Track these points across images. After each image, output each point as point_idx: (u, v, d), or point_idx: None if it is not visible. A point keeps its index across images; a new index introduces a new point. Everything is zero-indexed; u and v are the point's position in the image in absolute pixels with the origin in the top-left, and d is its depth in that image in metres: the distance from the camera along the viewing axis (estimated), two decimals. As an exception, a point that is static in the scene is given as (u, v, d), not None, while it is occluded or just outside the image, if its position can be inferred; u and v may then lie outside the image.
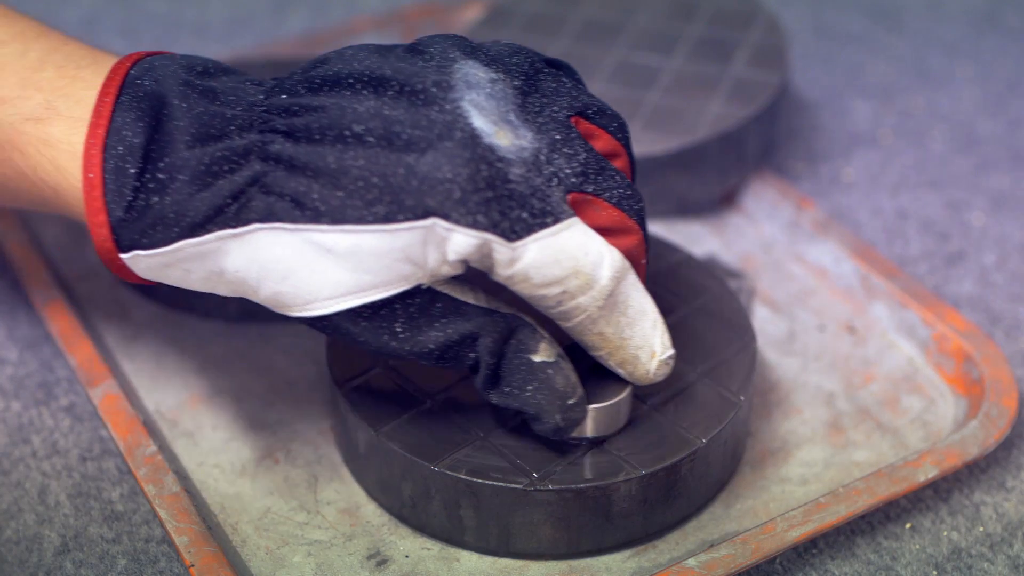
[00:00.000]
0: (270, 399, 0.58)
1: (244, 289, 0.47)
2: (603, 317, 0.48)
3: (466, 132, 0.45)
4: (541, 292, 0.47)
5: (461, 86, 0.46)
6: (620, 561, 0.51)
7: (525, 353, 0.48)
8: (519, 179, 0.45)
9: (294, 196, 0.45)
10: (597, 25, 0.75)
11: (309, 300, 0.46)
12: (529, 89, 0.48)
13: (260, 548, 0.52)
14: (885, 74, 0.82)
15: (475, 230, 0.45)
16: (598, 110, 0.49)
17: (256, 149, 0.46)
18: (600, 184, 0.47)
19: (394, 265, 0.45)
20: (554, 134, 0.47)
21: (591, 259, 0.46)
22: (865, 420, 0.58)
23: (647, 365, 0.49)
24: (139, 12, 0.89)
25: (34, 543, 0.52)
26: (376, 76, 0.46)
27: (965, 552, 0.53)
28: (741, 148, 0.68)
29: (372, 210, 0.45)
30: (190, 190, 0.45)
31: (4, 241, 0.64)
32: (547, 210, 0.46)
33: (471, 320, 0.47)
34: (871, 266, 0.63)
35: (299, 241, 0.45)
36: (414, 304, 0.46)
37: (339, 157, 0.45)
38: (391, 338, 0.47)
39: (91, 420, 0.58)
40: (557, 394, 0.48)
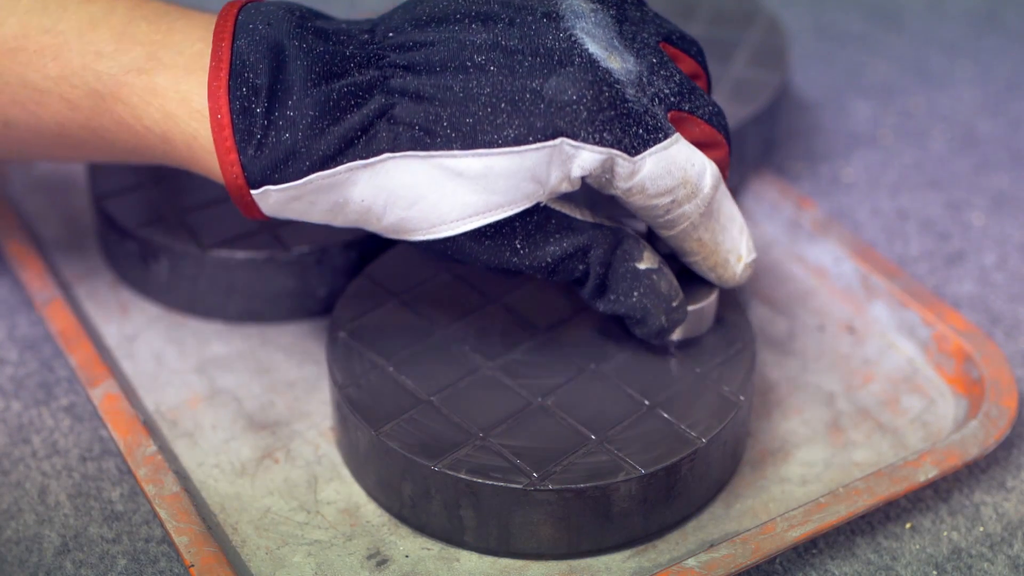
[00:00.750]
0: (270, 399, 0.58)
1: (368, 218, 0.50)
2: (703, 224, 0.52)
3: (584, 57, 0.48)
4: (654, 202, 0.50)
5: (569, 15, 0.50)
6: (620, 561, 0.51)
7: (631, 261, 0.51)
8: (633, 99, 0.49)
9: (423, 125, 0.48)
10: (597, 25, 0.74)
11: (436, 223, 0.49)
12: (622, 17, 0.51)
13: (260, 548, 0.52)
14: (885, 74, 0.82)
15: (601, 147, 0.48)
16: (680, 36, 0.53)
17: (378, 84, 0.48)
18: (693, 102, 0.51)
19: (521, 185, 0.48)
20: (651, 58, 0.50)
21: (696, 169, 0.50)
22: (865, 420, 0.58)
23: (735, 268, 0.54)
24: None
25: (34, 543, 0.52)
26: (483, 12, 0.49)
27: (965, 552, 0.53)
28: (741, 148, 0.68)
29: (503, 133, 0.47)
30: (320, 125, 0.47)
31: (4, 241, 0.64)
32: (658, 126, 0.49)
33: (583, 234, 0.51)
34: (871, 266, 0.63)
35: (430, 167, 0.48)
36: (532, 222, 0.50)
37: (465, 86, 0.48)
38: (512, 254, 0.50)
39: (91, 420, 0.58)
40: (662, 297, 0.52)
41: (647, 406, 0.52)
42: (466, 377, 0.54)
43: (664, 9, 0.75)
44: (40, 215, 0.68)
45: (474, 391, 0.53)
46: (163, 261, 0.61)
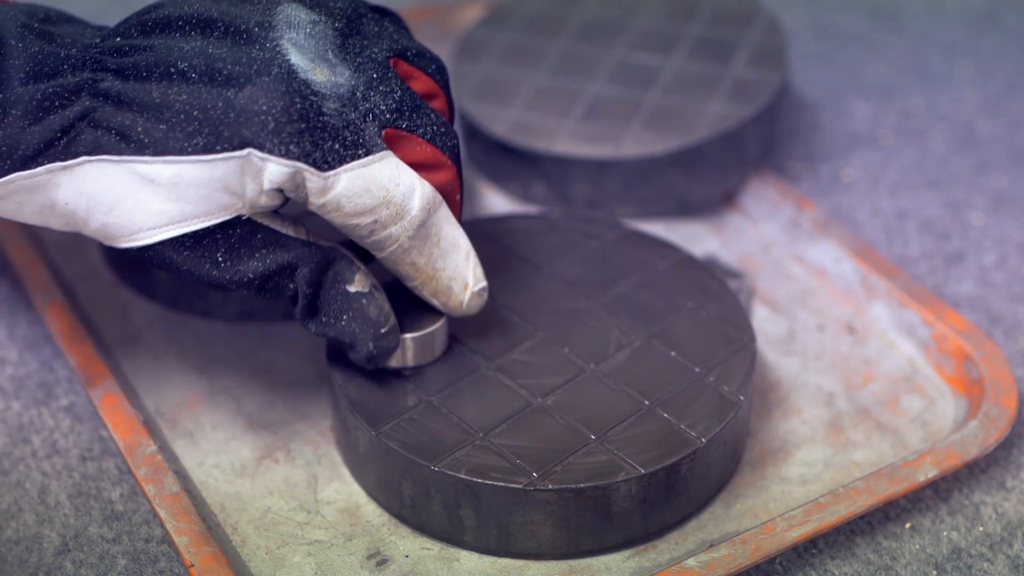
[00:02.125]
0: (270, 399, 0.58)
1: (75, 221, 0.49)
2: (415, 247, 0.51)
3: (283, 68, 0.48)
4: (354, 221, 0.49)
5: (282, 26, 0.49)
6: (620, 561, 0.51)
7: (341, 283, 0.51)
8: (333, 112, 0.48)
9: (120, 129, 0.47)
10: (597, 25, 0.75)
11: (134, 231, 0.48)
12: (350, 31, 0.51)
13: (260, 548, 0.52)
14: (885, 74, 0.82)
15: (288, 159, 0.47)
16: (417, 52, 0.52)
17: (87, 86, 0.48)
18: (414, 121, 0.50)
19: (213, 195, 0.48)
20: (372, 73, 0.50)
21: (402, 190, 0.49)
22: (865, 420, 0.58)
23: (460, 296, 0.53)
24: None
25: (34, 543, 0.52)
26: (204, 18, 0.49)
27: (965, 552, 0.53)
28: (741, 148, 0.68)
29: (192, 142, 0.47)
30: (22, 124, 0.47)
31: (4, 241, 0.64)
32: (359, 142, 0.48)
33: (290, 251, 0.50)
34: (871, 266, 0.63)
35: (124, 172, 0.48)
36: (235, 235, 0.49)
37: (163, 92, 0.47)
38: (213, 267, 0.49)
39: (91, 420, 0.58)
40: (370, 323, 0.51)
41: (647, 406, 0.52)
42: (466, 377, 0.54)
43: (664, 9, 0.75)
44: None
45: (474, 391, 0.53)
46: (163, 261, 0.61)
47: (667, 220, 0.69)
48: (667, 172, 0.67)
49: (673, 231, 0.68)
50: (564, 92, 0.70)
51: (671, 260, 0.59)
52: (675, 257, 0.60)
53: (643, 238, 0.61)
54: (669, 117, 0.67)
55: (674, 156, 0.66)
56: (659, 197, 0.68)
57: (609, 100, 0.69)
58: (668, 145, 0.66)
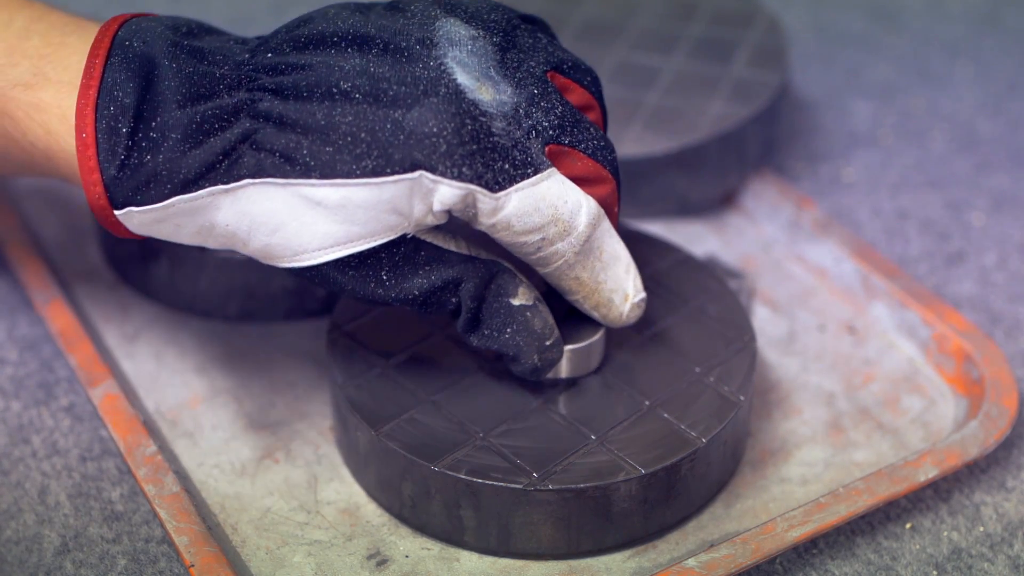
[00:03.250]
0: (270, 399, 0.58)
1: (234, 242, 0.49)
2: (579, 262, 0.50)
3: (450, 88, 0.47)
4: (522, 240, 0.49)
5: (444, 43, 0.48)
6: (620, 561, 0.51)
7: (505, 297, 0.50)
8: (501, 132, 0.47)
9: (284, 152, 0.47)
10: (597, 25, 0.75)
11: (298, 252, 0.48)
12: (507, 45, 0.50)
13: (260, 548, 0.52)
14: (885, 74, 0.82)
15: (460, 181, 0.47)
16: (572, 65, 0.51)
17: (246, 107, 0.47)
18: (576, 136, 0.49)
19: (381, 216, 0.47)
20: (532, 89, 0.49)
21: (569, 207, 0.49)
22: (865, 420, 0.58)
23: (620, 308, 0.52)
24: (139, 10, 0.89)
25: (34, 543, 0.52)
26: (360, 34, 0.48)
27: (965, 552, 0.53)
28: (741, 148, 0.68)
29: (361, 164, 0.46)
30: (182, 148, 0.46)
31: (4, 241, 0.64)
32: (528, 161, 0.48)
33: (453, 267, 0.49)
34: (871, 266, 0.63)
35: (289, 195, 0.47)
36: (399, 253, 0.48)
37: (328, 113, 0.46)
38: (378, 286, 0.49)
39: (91, 420, 0.58)
40: (535, 335, 0.50)
41: (647, 406, 0.52)
42: (466, 377, 0.54)
43: (664, 9, 0.75)
44: (40, 215, 0.68)
45: (474, 391, 0.53)
46: (163, 261, 0.61)
47: (667, 220, 0.69)
48: (667, 172, 0.67)
49: (673, 231, 0.68)
50: (564, 92, 0.70)
51: (671, 260, 0.59)
52: (675, 257, 0.60)
53: (643, 238, 0.61)
54: (669, 117, 0.67)
55: (674, 156, 0.66)
56: (659, 197, 0.68)
57: (609, 100, 0.69)
58: (668, 145, 0.66)
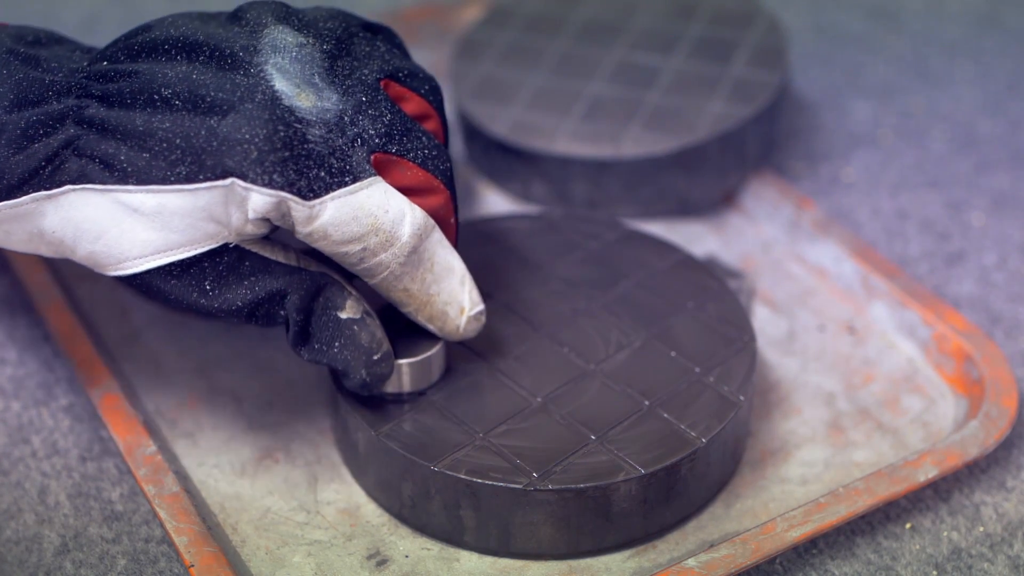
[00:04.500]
0: (270, 399, 0.58)
1: (62, 249, 0.49)
2: (407, 274, 0.50)
3: (267, 94, 0.47)
4: (342, 250, 0.48)
5: (267, 50, 0.48)
6: (620, 561, 0.51)
7: (332, 310, 0.50)
8: (318, 139, 0.47)
9: (103, 158, 0.47)
10: (597, 25, 0.75)
11: (121, 259, 0.48)
12: (339, 53, 0.50)
13: (260, 548, 0.52)
14: (885, 74, 0.82)
15: (271, 189, 0.46)
16: (409, 73, 0.51)
17: (72, 113, 0.47)
18: (405, 144, 0.49)
19: (199, 224, 0.47)
20: (360, 96, 0.49)
21: (391, 216, 0.48)
22: (865, 420, 0.58)
23: (456, 320, 0.52)
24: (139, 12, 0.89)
25: (34, 543, 0.52)
26: (190, 42, 0.48)
27: (965, 552, 0.53)
28: (741, 148, 0.68)
29: (175, 171, 0.46)
30: (6, 153, 0.47)
31: (4, 241, 0.64)
32: (346, 169, 0.47)
33: (279, 278, 0.49)
34: (871, 266, 0.63)
35: (108, 202, 0.47)
36: (223, 262, 0.48)
37: (147, 120, 0.46)
38: (201, 295, 0.48)
39: (91, 420, 0.58)
40: (362, 350, 0.50)
41: (647, 406, 0.52)
42: (466, 377, 0.54)
43: (664, 9, 0.75)
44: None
45: (474, 391, 0.53)
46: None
47: (667, 220, 0.69)
48: (667, 172, 0.67)
49: (673, 231, 0.68)
50: (564, 92, 0.70)
51: (671, 260, 0.59)
52: (675, 257, 0.60)
53: (643, 238, 0.61)
54: (669, 117, 0.67)
55: (674, 156, 0.66)
56: (659, 197, 0.68)
57: (609, 100, 0.69)
58: (668, 145, 0.66)
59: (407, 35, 0.81)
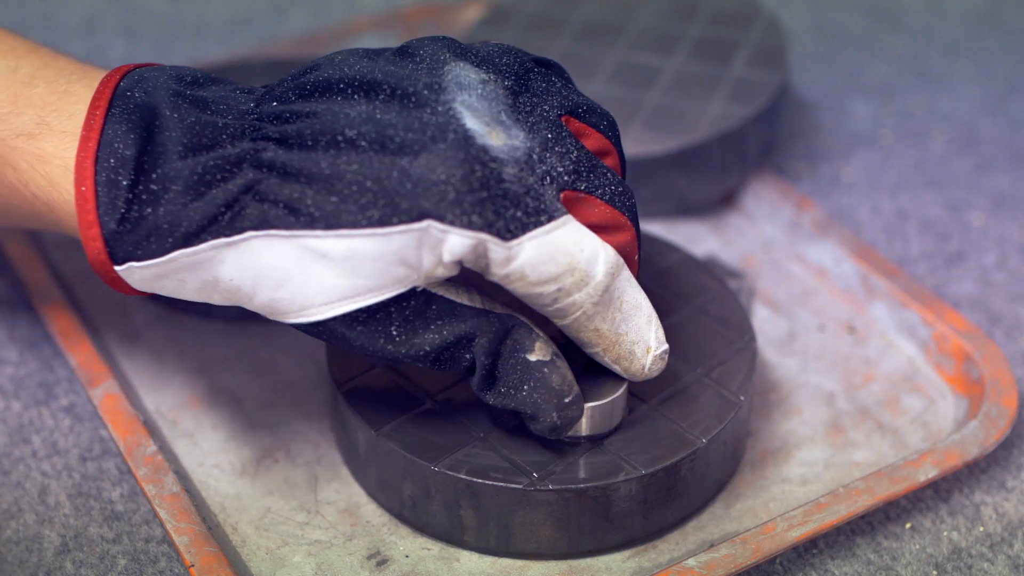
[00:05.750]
0: (270, 399, 0.58)
1: (239, 297, 0.47)
2: (599, 313, 0.48)
3: (459, 133, 0.45)
4: (537, 290, 0.47)
5: (452, 88, 0.46)
6: (620, 561, 0.51)
7: (521, 352, 0.48)
8: (513, 178, 0.45)
9: (288, 203, 0.45)
10: (597, 25, 0.75)
11: (305, 306, 0.46)
12: (520, 89, 0.48)
13: (260, 548, 0.52)
14: (885, 74, 0.82)
15: (470, 230, 0.45)
16: (588, 109, 0.49)
17: (249, 157, 0.46)
18: (592, 182, 0.48)
19: (389, 268, 0.45)
20: (546, 133, 0.47)
21: (586, 255, 0.47)
22: (865, 420, 0.58)
23: (642, 360, 0.50)
24: (139, 12, 0.89)
25: (34, 543, 0.52)
26: (367, 80, 0.46)
27: (965, 552, 0.53)
28: (741, 148, 0.68)
29: (367, 214, 0.44)
30: (183, 200, 0.45)
31: (4, 241, 0.64)
32: (541, 208, 0.46)
33: (466, 321, 0.47)
34: (871, 266, 0.63)
35: (294, 248, 0.45)
36: (409, 307, 0.46)
37: (332, 162, 0.45)
38: (387, 341, 0.47)
39: (91, 420, 0.58)
40: (553, 392, 0.48)
41: (647, 406, 0.52)
42: (466, 377, 0.54)
43: (664, 9, 0.75)
44: (40, 215, 0.68)
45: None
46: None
47: (667, 220, 0.69)
48: (667, 172, 0.67)
49: (673, 231, 0.68)
50: (564, 92, 0.70)
51: (671, 260, 0.59)
52: (675, 257, 0.60)
53: (643, 238, 0.61)
54: (669, 117, 0.67)
55: (674, 156, 0.66)
56: (659, 197, 0.68)
57: (609, 100, 0.69)
58: (668, 145, 0.66)
59: (407, 35, 0.81)
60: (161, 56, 0.83)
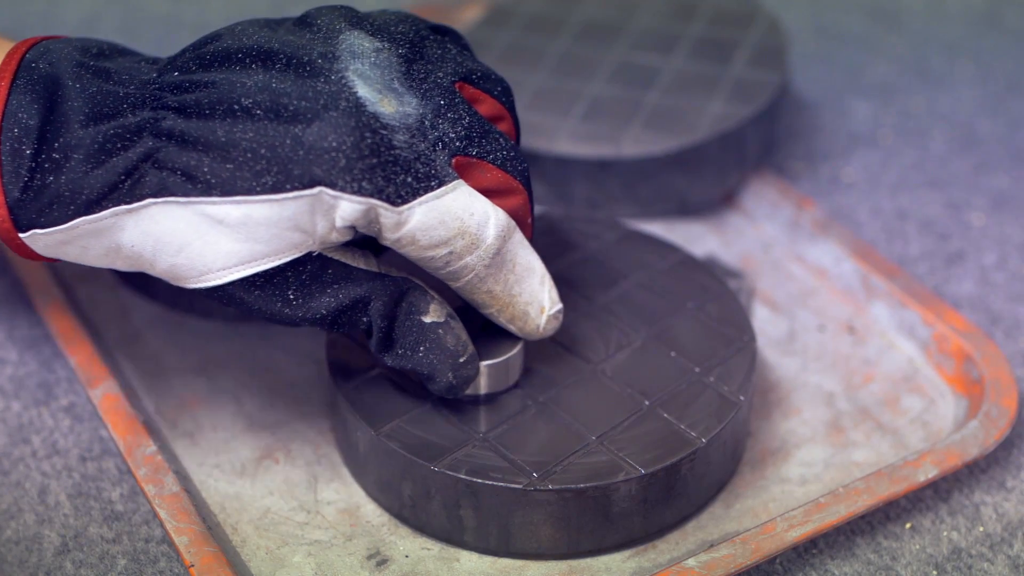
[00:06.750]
0: (270, 399, 0.58)
1: (141, 263, 0.48)
2: (491, 275, 0.49)
3: (351, 101, 0.46)
4: (429, 254, 0.48)
5: (346, 56, 0.47)
6: (620, 561, 0.51)
7: (416, 315, 0.49)
8: (403, 145, 0.47)
9: (185, 170, 0.46)
10: (597, 25, 0.75)
11: (203, 271, 0.47)
12: (414, 56, 0.49)
13: (260, 548, 0.52)
14: (885, 74, 0.82)
15: (361, 196, 0.46)
16: (482, 75, 0.51)
17: (148, 126, 0.47)
18: (484, 147, 0.49)
19: (284, 234, 0.46)
20: (438, 100, 0.48)
21: (476, 219, 0.48)
22: (865, 420, 0.58)
23: (537, 320, 0.51)
24: (139, 12, 0.89)
25: (34, 543, 0.52)
26: (265, 50, 0.47)
27: (965, 552, 0.53)
28: (741, 148, 0.68)
29: (260, 181, 0.46)
30: (84, 168, 0.46)
31: (4, 241, 0.64)
32: (431, 174, 0.47)
33: (361, 285, 0.48)
34: (871, 266, 0.63)
35: (191, 214, 0.46)
36: (306, 271, 0.48)
37: (228, 130, 0.46)
38: (284, 305, 0.48)
39: (91, 420, 0.58)
40: (448, 353, 0.50)
41: (647, 406, 0.52)
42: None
43: (664, 9, 0.75)
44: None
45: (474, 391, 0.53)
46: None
47: (667, 220, 0.69)
48: (667, 172, 0.67)
49: (673, 231, 0.68)
50: (564, 92, 0.70)
51: (671, 260, 0.59)
52: (675, 257, 0.60)
53: (643, 238, 0.61)
54: (669, 117, 0.67)
55: (674, 156, 0.66)
56: (659, 197, 0.68)
57: (609, 100, 0.69)
58: (668, 145, 0.66)
59: (407, 35, 0.81)
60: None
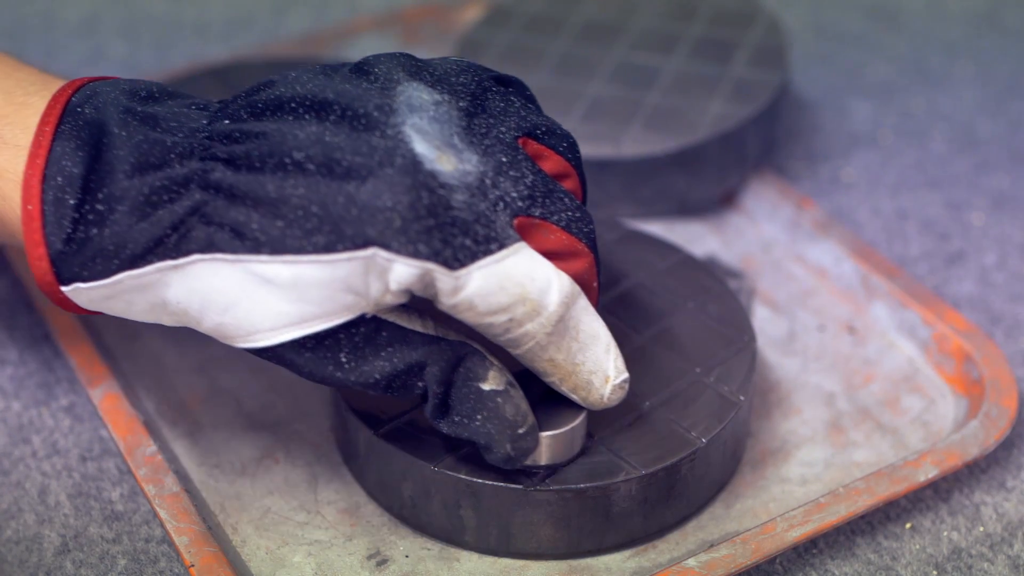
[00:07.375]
0: (270, 399, 0.58)
1: (187, 319, 0.47)
2: (553, 343, 0.47)
3: (407, 158, 0.44)
4: (488, 320, 0.45)
5: (403, 109, 0.45)
6: (620, 561, 0.51)
7: (474, 381, 0.47)
8: (462, 205, 0.44)
9: (234, 226, 0.44)
10: (597, 25, 0.75)
11: (251, 332, 0.45)
12: (476, 110, 0.47)
13: (260, 548, 0.52)
14: (885, 74, 0.82)
15: (416, 259, 0.44)
16: (547, 130, 0.48)
17: (196, 177, 0.45)
18: (548, 207, 0.46)
19: (336, 295, 0.44)
20: (500, 156, 0.46)
21: (538, 285, 0.45)
22: (865, 420, 0.58)
23: (601, 390, 0.49)
24: (139, 12, 0.89)
25: (34, 543, 0.52)
26: (319, 100, 0.45)
27: (965, 552, 0.53)
28: (741, 148, 0.68)
29: (312, 240, 0.44)
30: (129, 221, 0.44)
31: (4, 241, 0.64)
32: (491, 236, 0.45)
33: (417, 349, 0.46)
34: (871, 266, 0.63)
35: (239, 272, 0.45)
36: (359, 334, 0.45)
37: (279, 185, 0.44)
38: (336, 368, 0.46)
39: (91, 420, 0.58)
40: (507, 423, 0.47)
41: (647, 406, 0.52)
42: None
43: (664, 9, 0.75)
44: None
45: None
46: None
47: (667, 220, 0.69)
48: (667, 172, 0.67)
49: (673, 231, 0.68)
50: (564, 92, 0.70)
51: (671, 260, 0.59)
52: (675, 257, 0.60)
53: (643, 238, 0.61)
54: (669, 117, 0.67)
55: (674, 156, 0.66)
56: (659, 197, 0.68)
57: (609, 100, 0.69)
58: (668, 145, 0.66)
59: (407, 35, 0.81)
60: (161, 56, 0.83)
